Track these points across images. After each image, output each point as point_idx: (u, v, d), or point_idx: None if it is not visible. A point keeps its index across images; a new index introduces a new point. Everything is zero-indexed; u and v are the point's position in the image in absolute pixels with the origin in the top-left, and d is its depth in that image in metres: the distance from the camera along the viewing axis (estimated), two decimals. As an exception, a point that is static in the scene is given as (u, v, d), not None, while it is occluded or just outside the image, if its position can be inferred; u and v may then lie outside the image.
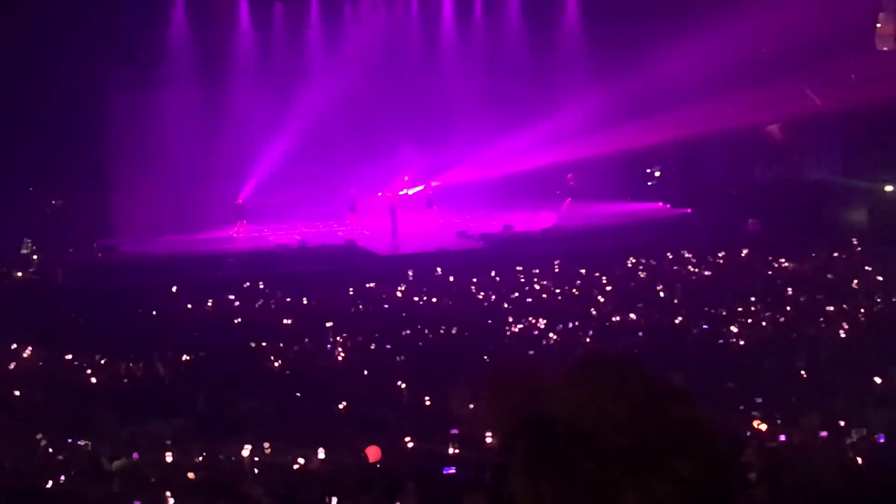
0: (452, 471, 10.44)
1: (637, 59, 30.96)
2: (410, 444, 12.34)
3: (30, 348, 19.14)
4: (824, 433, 11.04)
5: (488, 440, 11.19)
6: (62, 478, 11.17)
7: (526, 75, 34.60)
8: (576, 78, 33.72)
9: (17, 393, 16.02)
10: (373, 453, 11.54)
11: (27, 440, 12.84)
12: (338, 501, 9.82)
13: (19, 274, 26.51)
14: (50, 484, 10.93)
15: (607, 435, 1.36)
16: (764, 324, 19.22)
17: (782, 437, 11.31)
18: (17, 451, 12.39)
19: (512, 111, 33.48)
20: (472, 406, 12.28)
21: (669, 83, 30.59)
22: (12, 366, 18.31)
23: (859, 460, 10.13)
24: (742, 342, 17.85)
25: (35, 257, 27.92)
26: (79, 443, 12.94)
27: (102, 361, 18.14)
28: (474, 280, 24.47)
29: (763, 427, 11.78)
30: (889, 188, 32.26)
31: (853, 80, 29.85)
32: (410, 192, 34.25)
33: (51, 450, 12.39)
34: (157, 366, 17.75)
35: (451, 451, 11.75)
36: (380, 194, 33.42)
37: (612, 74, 31.68)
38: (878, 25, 30.89)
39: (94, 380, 17.06)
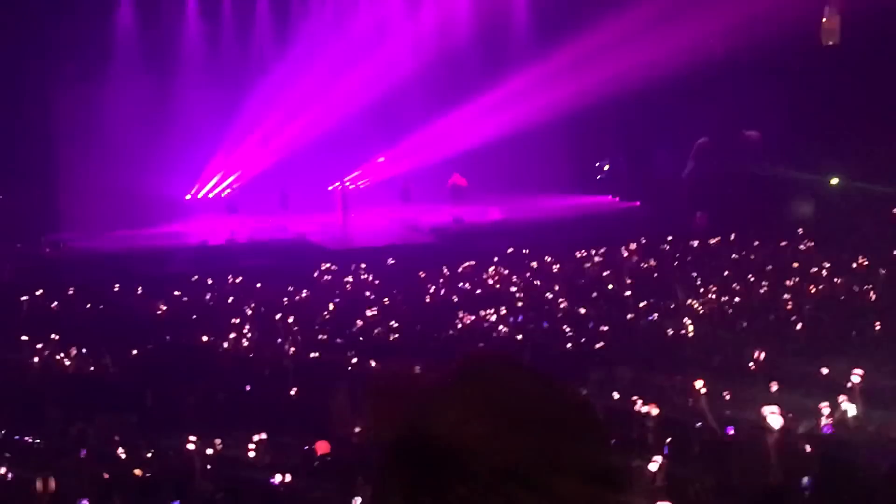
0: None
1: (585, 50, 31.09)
2: (359, 437, 12.34)
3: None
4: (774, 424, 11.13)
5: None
6: (9, 475, 11.07)
7: (474, 64, 34.37)
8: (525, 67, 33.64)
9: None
10: (322, 447, 11.52)
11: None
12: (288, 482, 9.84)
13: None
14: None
15: (485, 453, 1.31)
16: (712, 316, 19.39)
17: (730, 430, 11.42)
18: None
19: (461, 100, 33.28)
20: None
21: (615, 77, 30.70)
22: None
23: (808, 448, 10.23)
24: (691, 334, 17.99)
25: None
26: (26, 439, 12.84)
27: (50, 356, 17.99)
28: (422, 274, 24.49)
29: (709, 418, 11.89)
30: (835, 181, 32.63)
31: (798, 74, 30.12)
32: (361, 184, 34.14)
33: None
34: (104, 361, 17.63)
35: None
36: (331, 187, 33.37)
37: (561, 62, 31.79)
38: (824, 20, 31.18)
39: (41, 375, 16.89)
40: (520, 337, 18.48)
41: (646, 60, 29.47)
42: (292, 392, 14.82)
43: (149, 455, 11.97)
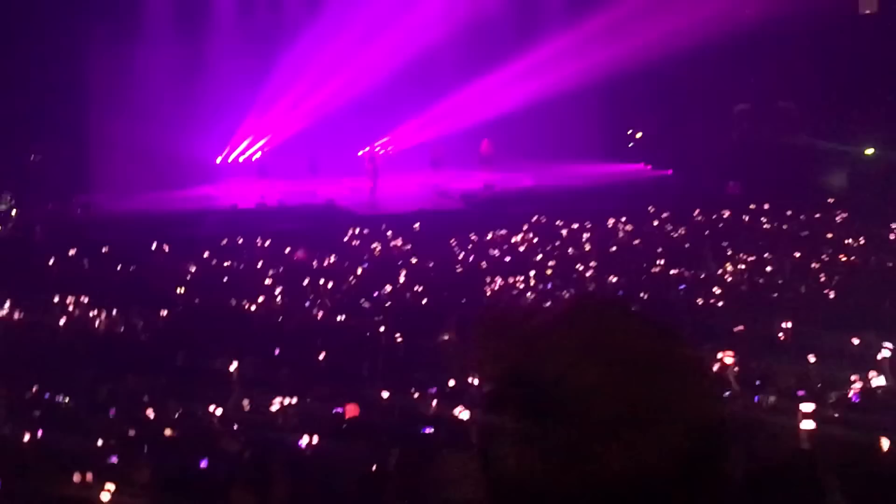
0: (430, 430, 10.45)
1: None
2: (387, 401, 12.35)
3: (8, 303, 19.10)
4: (801, 392, 11.06)
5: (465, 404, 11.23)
6: (39, 432, 11.14)
7: (506, 28, 34.05)
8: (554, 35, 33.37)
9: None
10: (351, 410, 11.54)
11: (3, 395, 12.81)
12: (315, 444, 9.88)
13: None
14: (27, 438, 10.91)
15: (596, 396, 1.30)
16: (743, 287, 19.29)
17: (755, 398, 11.34)
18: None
19: (493, 65, 33.02)
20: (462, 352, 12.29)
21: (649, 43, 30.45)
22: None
23: (836, 415, 10.17)
24: (721, 303, 17.91)
25: (14, 213, 27.73)
26: (56, 398, 12.92)
27: (80, 317, 18.11)
28: (452, 240, 24.45)
29: (736, 388, 11.82)
30: (869, 151, 32.33)
31: (835, 42, 29.81)
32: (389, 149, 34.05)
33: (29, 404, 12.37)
34: (134, 322, 17.73)
35: (430, 409, 11.76)
36: (360, 153, 33.34)
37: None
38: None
39: (72, 335, 17.00)
40: (548, 304, 18.39)
41: (681, 27, 29.22)
42: (320, 356, 14.84)
43: (177, 415, 12.03)
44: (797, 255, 21.51)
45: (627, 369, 1.32)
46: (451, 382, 12.21)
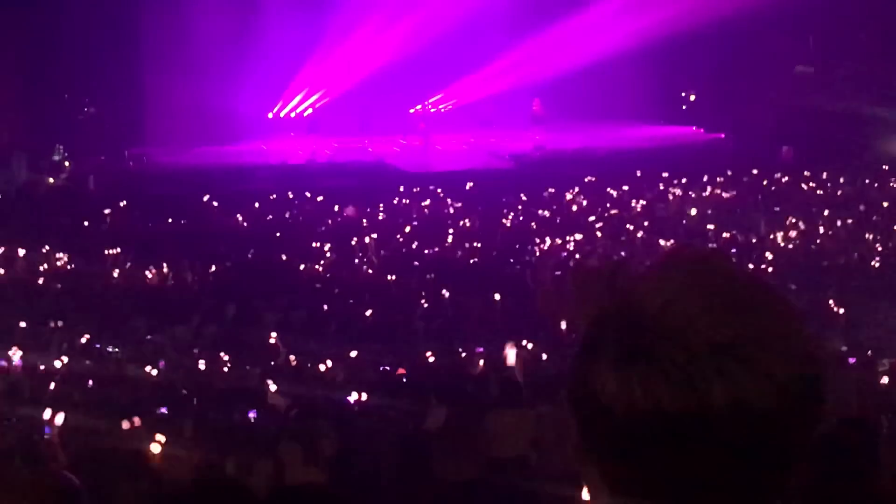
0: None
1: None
2: (433, 360, 12.39)
3: (60, 254, 19.33)
4: (852, 360, 10.98)
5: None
6: (90, 382, 11.28)
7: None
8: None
9: (47, 298, 16.18)
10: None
11: (55, 344, 12.98)
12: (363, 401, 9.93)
13: (51, 181, 26.58)
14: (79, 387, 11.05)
15: (696, 328, 1.32)
16: (794, 250, 19.14)
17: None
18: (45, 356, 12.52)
19: (546, 24, 32.68)
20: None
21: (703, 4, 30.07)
22: (43, 268, 18.51)
23: (885, 380, 10.08)
24: (772, 269, 17.77)
25: (67, 164, 27.95)
26: (107, 349, 13.08)
27: (131, 268, 18.31)
28: (503, 199, 24.40)
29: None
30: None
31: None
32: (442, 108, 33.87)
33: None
34: (185, 274, 17.88)
35: (476, 368, 11.77)
36: (412, 110, 33.25)
37: None
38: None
39: (123, 287, 17.17)
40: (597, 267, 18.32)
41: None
42: (368, 313, 14.90)
43: (225, 369, 12.14)
44: (850, 221, 21.29)
45: (727, 304, 1.34)
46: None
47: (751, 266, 17.92)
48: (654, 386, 1.30)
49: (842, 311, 14.30)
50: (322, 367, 11.90)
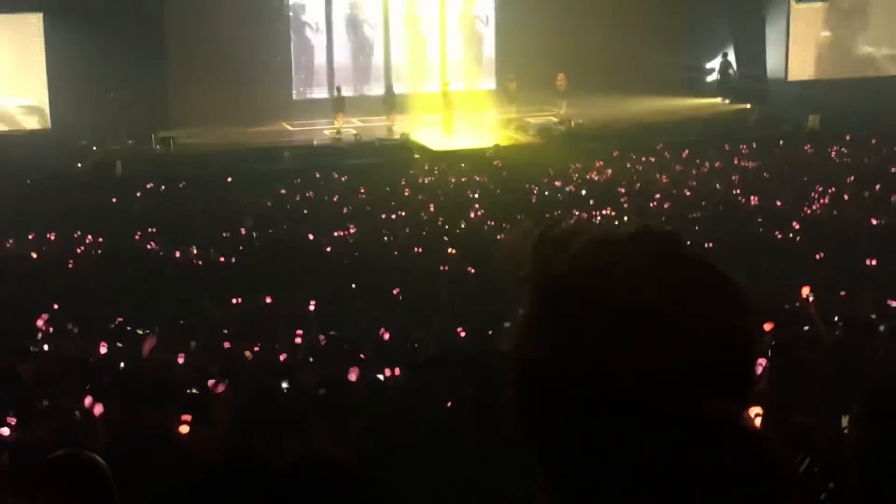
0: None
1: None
2: (463, 335, 12.43)
3: (90, 237, 19.53)
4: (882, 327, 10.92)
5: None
6: (121, 364, 11.38)
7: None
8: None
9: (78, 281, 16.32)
10: None
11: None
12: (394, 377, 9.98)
13: (80, 165, 26.76)
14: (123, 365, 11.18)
15: (633, 299, 1.37)
16: (823, 219, 19.04)
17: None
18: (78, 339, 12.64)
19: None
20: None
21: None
22: (80, 251, 18.71)
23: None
24: (799, 238, 17.70)
25: (94, 148, 28.11)
26: (137, 331, 13.17)
27: (160, 250, 18.44)
28: (528, 175, 24.41)
29: (817, 322, 11.67)
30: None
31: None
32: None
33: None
34: (212, 255, 17.98)
35: (504, 343, 11.79)
36: (435, 88, 33.16)
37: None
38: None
39: (151, 269, 17.28)
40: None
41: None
42: (395, 291, 14.93)
43: (256, 348, 12.21)
44: (877, 187, 21.18)
45: (656, 277, 1.39)
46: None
47: (778, 235, 17.93)
48: (584, 342, 1.35)
49: (871, 278, 14.21)
50: (351, 345, 11.95)
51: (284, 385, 9.68)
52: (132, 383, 10.08)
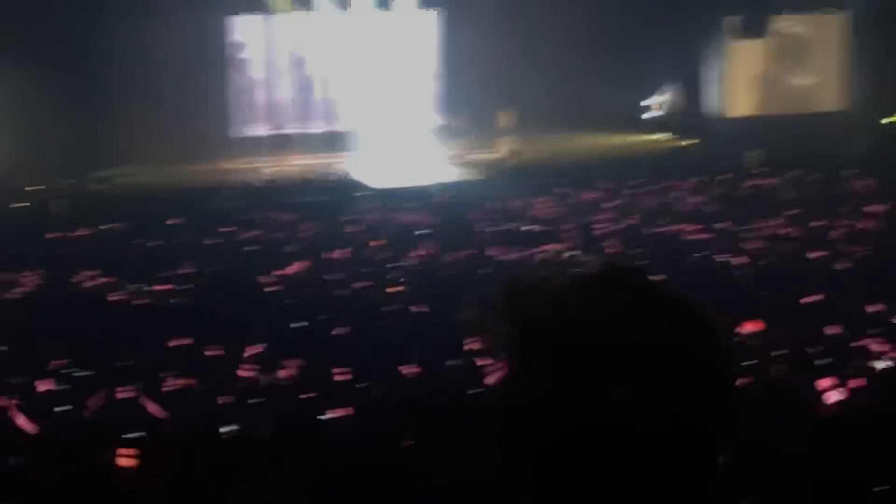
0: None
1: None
2: (409, 373, 12.29)
3: (24, 277, 19.23)
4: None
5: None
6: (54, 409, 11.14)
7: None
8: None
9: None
10: None
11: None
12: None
13: (13, 205, 26.40)
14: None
15: (608, 337, 1.41)
16: (764, 252, 19.19)
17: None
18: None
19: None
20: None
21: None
22: (14, 291, 18.39)
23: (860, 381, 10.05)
24: (741, 272, 17.82)
25: (29, 189, 27.75)
26: (75, 373, 12.92)
27: (97, 290, 18.17)
28: (472, 209, 24.43)
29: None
30: (888, 120, 32.18)
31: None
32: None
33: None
34: (152, 296, 17.74)
35: (450, 382, 11.67)
36: (379, 124, 33.17)
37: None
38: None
39: (88, 310, 17.00)
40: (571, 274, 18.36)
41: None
42: (340, 330, 14.78)
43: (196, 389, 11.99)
44: (821, 222, 21.42)
45: (631, 316, 1.44)
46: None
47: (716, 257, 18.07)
48: (561, 387, 1.41)
49: (811, 312, 14.28)
50: (297, 384, 11.78)
51: (224, 430, 9.49)
52: (71, 425, 9.86)
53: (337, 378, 11.93)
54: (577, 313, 1.45)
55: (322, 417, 10.13)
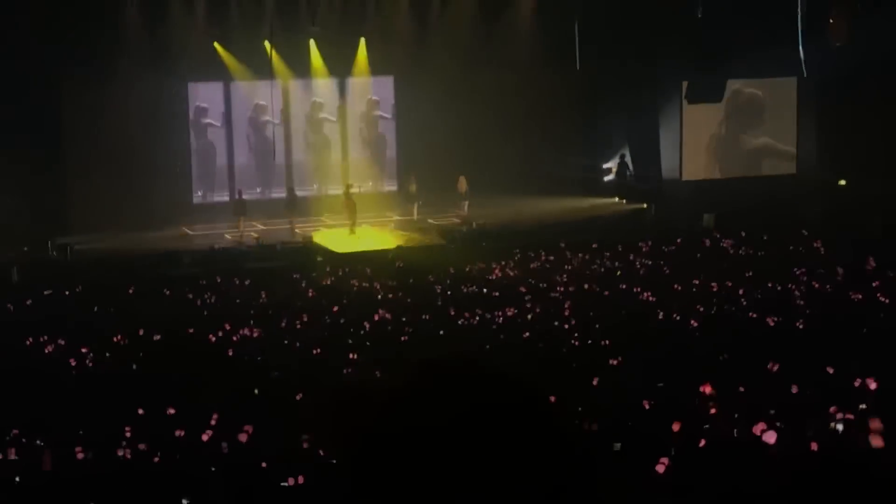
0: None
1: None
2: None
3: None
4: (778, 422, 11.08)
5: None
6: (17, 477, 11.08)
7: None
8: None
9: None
10: None
11: None
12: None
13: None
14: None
15: (444, 437, 1.45)
16: (720, 315, 19.35)
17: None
18: None
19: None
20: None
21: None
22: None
23: (815, 446, 10.16)
24: (697, 335, 17.94)
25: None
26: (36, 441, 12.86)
27: (58, 357, 18.08)
28: (431, 276, 24.52)
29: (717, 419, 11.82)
30: (842, 182, 32.66)
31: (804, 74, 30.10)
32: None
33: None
34: (112, 360, 17.67)
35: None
36: (337, 189, 33.26)
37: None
38: (831, 21, 31.09)
39: (50, 376, 16.90)
40: (527, 335, 18.49)
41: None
42: (298, 396, 14.80)
43: (155, 458, 11.96)
44: (773, 284, 21.62)
45: (472, 423, 1.47)
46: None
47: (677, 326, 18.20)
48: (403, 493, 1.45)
49: (768, 373, 14.43)
50: (259, 451, 11.78)
51: (185, 502, 9.48)
52: (30, 495, 9.83)
53: (293, 444, 11.96)
54: (403, 423, 1.49)
55: (283, 483, 10.17)
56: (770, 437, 10.31)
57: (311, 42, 33.34)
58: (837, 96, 32.28)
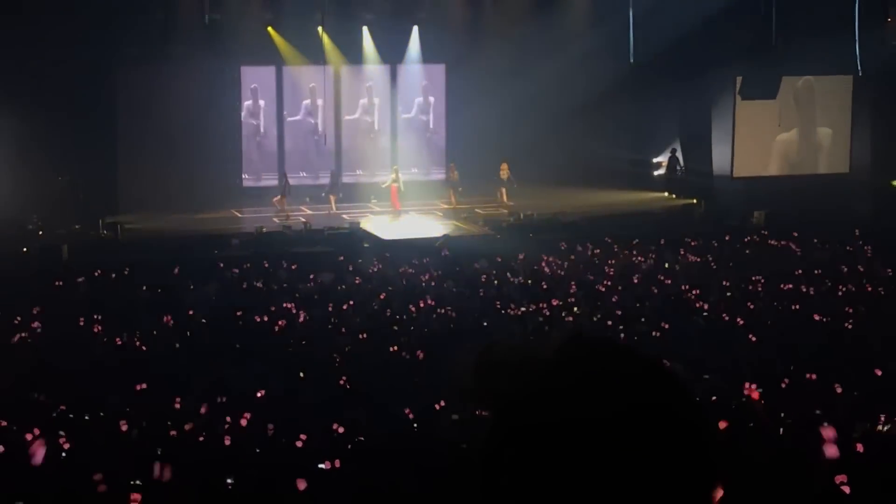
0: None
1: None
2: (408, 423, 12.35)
3: (34, 322, 19.29)
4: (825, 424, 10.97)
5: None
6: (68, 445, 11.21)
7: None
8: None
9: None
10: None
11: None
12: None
13: (25, 250, 26.47)
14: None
15: (580, 411, 1.42)
16: (767, 314, 19.22)
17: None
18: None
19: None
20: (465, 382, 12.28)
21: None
22: (23, 336, 18.45)
23: (860, 448, 10.06)
24: (744, 332, 17.82)
25: (40, 233, 27.91)
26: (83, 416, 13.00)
27: (105, 336, 18.24)
28: (477, 265, 24.49)
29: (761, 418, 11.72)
30: (895, 183, 32.29)
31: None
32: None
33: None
34: (159, 342, 17.81)
35: (447, 432, 11.72)
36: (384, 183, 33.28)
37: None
38: (888, 19, 30.74)
39: (97, 355, 17.07)
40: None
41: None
42: (342, 381, 14.85)
43: (201, 438, 12.05)
44: (826, 283, 21.46)
45: (610, 409, 1.43)
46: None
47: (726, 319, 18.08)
48: (546, 475, 1.41)
49: (817, 374, 14.31)
50: (298, 436, 11.83)
51: (230, 480, 9.54)
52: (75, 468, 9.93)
53: (337, 428, 12.00)
54: (546, 391, 1.45)
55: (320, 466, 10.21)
56: (832, 451, 10.18)
57: (365, 29, 33.44)
58: (893, 95, 31.90)
